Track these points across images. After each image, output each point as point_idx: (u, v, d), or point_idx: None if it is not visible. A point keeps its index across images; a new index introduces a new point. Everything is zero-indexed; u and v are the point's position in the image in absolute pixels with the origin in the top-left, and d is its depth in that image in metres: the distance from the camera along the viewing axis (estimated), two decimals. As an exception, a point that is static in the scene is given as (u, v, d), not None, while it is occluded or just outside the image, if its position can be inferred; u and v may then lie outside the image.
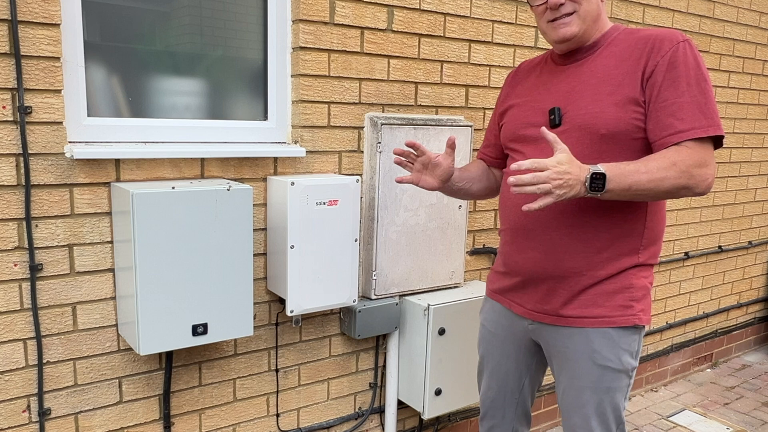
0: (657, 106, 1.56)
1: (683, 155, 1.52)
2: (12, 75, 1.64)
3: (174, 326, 1.77)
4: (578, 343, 1.71)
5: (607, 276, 1.67)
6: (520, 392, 1.98)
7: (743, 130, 3.75)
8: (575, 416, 1.76)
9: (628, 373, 1.71)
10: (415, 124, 2.30)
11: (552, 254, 1.70)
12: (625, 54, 1.62)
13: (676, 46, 1.56)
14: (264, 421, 2.24)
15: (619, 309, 1.67)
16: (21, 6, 1.63)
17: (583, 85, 1.66)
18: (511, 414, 2.02)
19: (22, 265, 1.73)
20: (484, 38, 2.52)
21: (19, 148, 1.68)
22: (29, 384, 1.79)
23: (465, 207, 2.48)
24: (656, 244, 1.71)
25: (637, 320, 1.67)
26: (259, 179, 2.08)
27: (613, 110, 1.59)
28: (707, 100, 1.55)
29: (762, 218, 4.08)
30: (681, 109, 1.54)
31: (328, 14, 2.11)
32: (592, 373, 1.70)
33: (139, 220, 1.67)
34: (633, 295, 1.67)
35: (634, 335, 1.69)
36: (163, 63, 1.97)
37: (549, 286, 1.73)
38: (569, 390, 1.76)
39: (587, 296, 1.69)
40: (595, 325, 1.68)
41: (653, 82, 1.56)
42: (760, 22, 3.66)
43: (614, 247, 1.66)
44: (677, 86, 1.55)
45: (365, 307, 2.26)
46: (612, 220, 1.65)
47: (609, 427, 1.74)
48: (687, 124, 1.53)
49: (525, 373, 1.95)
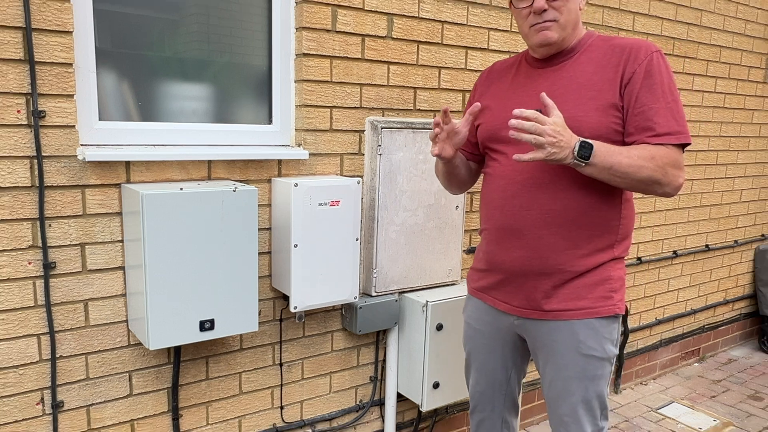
0: (635, 111, 1.61)
1: (662, 152, 1.58)
2: (26, 80, 1.64)
3: (182, 322, 1.78)
4: (564, 336, 1.73)
5: (587, 270, 1.70)
6: (508, 384, 1.99)
7: (729, 133, 3.76)
8: (563, 406, 1.78)
9: (611, 360, 1.75)
10: (414, 127, 2.30)
11: (538, 252, 1.71)
12: (603, 61, 1.66)
13: (650, 55, 1.61)
14: (269, 413, 2.24)
15: (600, 300, 1.70)
16: (35, 14, 1.63)
17: (564, 89, 1.68)
18: (500, 405, 2.03)
19: (36, 264, 1.73)
20: (480, 45, 2.52)
21: (33, 151, 1.68)
22: (43, 377, 1.79)
23: (462, 207, 2.48)
24: (628, 238, 1.76)
25: (617, 309, 1.72)
26: (263, 180, 2.08)
27: (595, 115, 1.62)
28: (678, 108, 1.61)
29: (747, 218, 4.08)
30: (657, 114, 1.59)
31: (330, 22, 2.11)
32: (578, 363, 1.72)
33: (149, 220, 1.68)
34: (612, 286, 1.72)
35: (613, 324, 1.74)
36: (171, 69, 1.97)
37: (534, 282, 1.74)
38: (556, 381, 1.77)
39: (570, 290, 1.71)
40: (580, 317, 1.70)
41: (631, 89, 1.61)
42: (745, 29, 3.66)
43: (593, 242, 1.69)
44: (653, 93, 1.59)
45: (366, 303, 2.26)
46: (591, 218, 1.68)
47: (594, 413, 1.77)
48: (663, 129, 1.59)
49: (511, 366, 1.96)
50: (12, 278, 1.70)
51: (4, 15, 1.59)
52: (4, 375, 1.74)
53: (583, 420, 1.76)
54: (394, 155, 2.27)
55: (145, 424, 1.99)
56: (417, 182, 2.34)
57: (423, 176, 2.34)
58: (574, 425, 1.77)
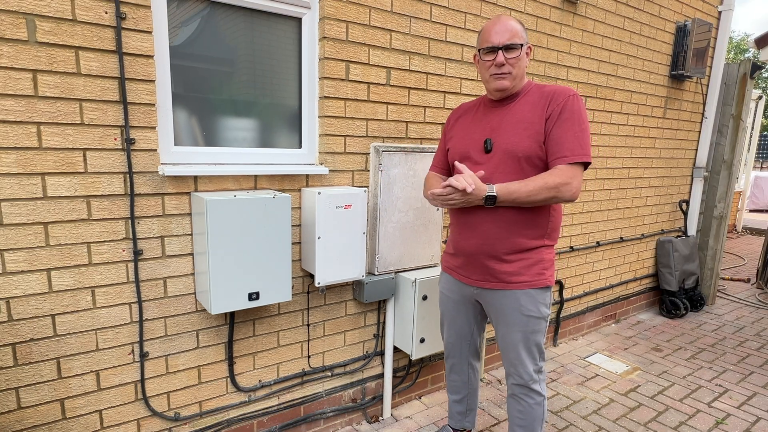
0: (549, 138, 1.65)
1: (554, 176, 1.62)
2: (121, 116, 1.65)
3: (235, 294, 1.78)
4: (510, 301, 1.76)
5: (524, 252, 1.73)
6: (471, 337, 2.03)
7: (637, 155, 3.76)
8: (511, 352, 1.81)
9: (545, 318, 1.79)
10: (405, 150, 2.30)
11: (487, 240, 1.74)
12: (535, 103, 1.69)
13: (567, 99, 1.64)
14: (299, 361, 2.25)
15: (536, 276, 1.74)
16: (128, 68, 1.63)
17: (508, 123, 1.71)
18: (465, 352, 2.06)
19: (128, 251, 1.74)
20: (455, 90, 2.52)
21: (126, 168, 1.68)
22: (133, 335, 1.80)
23: (441, 210, 2.48)
24: (556, 231, 1.79)
25: (547, 282, 1.76)
26: (295, 190, 2.08)
27: (527, 141, 1.66)
28: (584, 136, 1.63)
29: (651, 218, 4.08)
30: (564, 141, 1.62)
31: (345, 73, 2.11)
32: (521, 320, 1.76)
33: (211, 219, 1.68)
34: (544, 266, 1.75)
35: (546, 292, 1.77)
36: (227, 107, 1.97)
37: (485, 262, 1.77)
38: (506, 335, 1.80)
39: (513, 267, 1.73)
40: (521, 288, 1.74)
41: (550, 122, 1.64)
42: (649, 79, 3.67)
43: (528, 233, 1.72)
44: (563, 125, 1.63)
45: (371, 280, 2.27)
46: (526, 217, 1.71)
47: (534, 356, 1.81)
48: (567, 152, 1.62)
49: (473, 323, 1.99)
50: (111, 261, 1.71)
51: (105, 68, 1.59)
52: (105, 333, 1.74)
53: (526, 361, 1.80)
54: (392, 171, 2.27)
55: (208, 368, 2.00)
56: (409, 191, 2.34)
57: (413, 187, 2.34)
58: (521, 365, 1.81)
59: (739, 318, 4.17)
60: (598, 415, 2.63)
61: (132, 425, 1.84)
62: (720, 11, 4.07)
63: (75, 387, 1.72)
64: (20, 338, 1.61)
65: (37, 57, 1.49)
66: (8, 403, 1.62)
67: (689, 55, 3.69)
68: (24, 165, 1.53)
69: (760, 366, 3.25)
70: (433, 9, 2.35)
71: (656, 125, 3.84)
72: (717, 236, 4.35)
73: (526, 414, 1.84)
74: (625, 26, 3.37)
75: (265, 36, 2.01)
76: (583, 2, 3.05)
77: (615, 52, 3.34)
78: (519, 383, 1.83)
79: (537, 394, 1.82)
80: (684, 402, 2.78)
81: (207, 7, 1.87)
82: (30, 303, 1.61)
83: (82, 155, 1.60)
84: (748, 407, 2.74)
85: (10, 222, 1.54)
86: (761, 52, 5.73)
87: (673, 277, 4.12)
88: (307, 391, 2.28)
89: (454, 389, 2.16)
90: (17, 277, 1.57)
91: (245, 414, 2.10)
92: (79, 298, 1.67)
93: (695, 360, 3.32)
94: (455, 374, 2.12)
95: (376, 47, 2.18)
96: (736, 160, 4.23)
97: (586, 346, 3.54)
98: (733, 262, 6.23)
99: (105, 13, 1.57)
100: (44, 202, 1.58)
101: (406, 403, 2.66)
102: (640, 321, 4.07)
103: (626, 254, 3.94)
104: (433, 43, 2.37)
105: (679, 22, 3.74)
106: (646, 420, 2.59)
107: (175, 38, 1.80)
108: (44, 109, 1.53)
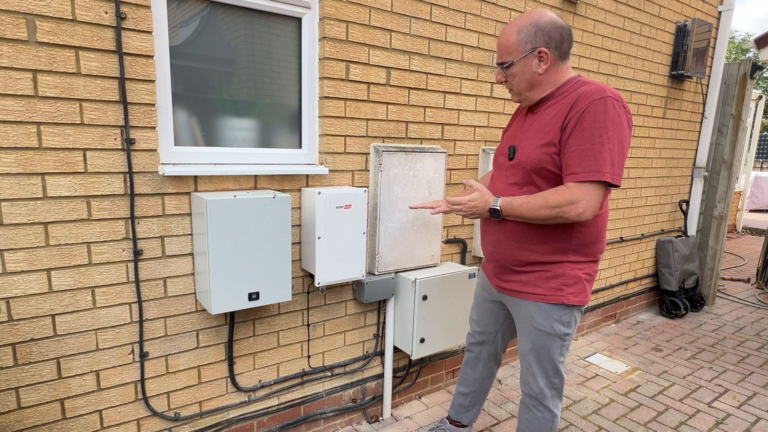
0: (564, 152, 1.50)
1: (557, 195, 1.49)
2: (121, 116, 1.65)
3: (235, 294, 1.78)
4: (522, 311, 1.73)
5: (536, 264, 1.63)
6: (494, 337, 2.01)
7: (637, 155, 3.76)
8: (523, 360, 1.79)
9: (560, 336, 1.66)
10: (405, 151, 2.30)
11: (498, 249, 1.74)
12: (559, 109, 1.55)
13: (588, 103, 1.45)
14: (299, 361, 2.25)
15: (552, 290, 1.63)
16: (128, 68, 1.63)
17: (529, 132, 1.64)
18: (485, 352, 2.06)
19: (128, 251, 1.74)
20: (454, 90, 2.52)
21: (126, 168, 1.68)
22: (133, 334, 1.80)
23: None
24: (589, 245, 1.63)
25: (566, 300, 1.62)
26: (295, 190, 2.08)
27: (536, 153, 1.56)
28: (602, 149, 1.42)
29: (651, 218, 4.08)
30: (575, 155, 1.46)
31: (345, 73, 2.11)
32: (531, 332, 1.71)
33: (211, 219, 1.68)
34: (565, 281, 1.61)
35: (565, 310, 1.64)
36: (227, 108, 1.97)
37: (499, 267, 1.76)
38: (520, 342, 1.79)
39: (528, 278, 1.67)
40: (532, 299, 1.67)
41: (566, 133, 1.49)
42: (649, 79, 3.67)
43: (537, 248, 1.63)
44: (579, 136, 1.45)
45: (371, 280, 2.26)
46: (536, 232, 1.62)
47: (546, 372, 1.72)
48: (576, 168, 1.46)
49: (499, 324, 1.99)
50: (111, 261, 1.71)
51: (105, 68, 1.59)
52: (105, 333, 1.74)
53: (536, 374, 1.73)
54: (391, 171, 2.27)
55: (208, 368, 1.99)
56: (408, 191, 2.34)
57: (413, 187, 2.34)
58: (530, 376, 1.75)
59: (739, 318, 4.17)
60: (598, 415, 2.62)
61: (132, 425, 1.84)
62: (720, 11, 4.07)
63: (75, 387, 1.72)
64: (20, 338, 1.61)
65: (37, 57, 1.49)
66: (8, 403, 1.62)
67: (689, 55, 3.69)
68: (24, 165, 1.53)
69: (760, 366, 3.25)
70: (433, 9, 2.35)
71: (656, 125, 3.83)
72: (717, 236, 4.35)
73: (533, 424, 1.78)
74: (625, 26, 3.37)
75: (265, 36, 2.01)
76: (583, 2, 3.05)
77: (615, 52, 3.34)
78: (528, 393, 1.77)
79: (547, 410, 1.74)
80: (684, 402, 2.78)
81: (207, 7, 1.86)
82: (30, 303, 1.61)
83: (82, 155, 1.60)
84: (748, 407, 2.74)
85: (10, 222, 1.54)
86: (761, 52, 5.74)
87: (673, 277, 4.12)
88: (307, 391, 2.28)
89: (463, 382, 2.14)
90: (17, 277, 1.57)
91: (245, 414, 2.10)
92: (79, 298, 1.67)
93: (695, 360, 3.32)
94: (469, 368, 2.10)
95: (376, 47, 2.17)
96: (736, 160, 4.23)
97: (586, 346, 3.53)
98: (733, 262, 6.23)
99: (105, 13, 1.57)
100: (44, 202, 1.57)
101: (406, 403, 2.66)
102: (640, 321, 4.07)
103: (626, 254, 3.94)
104: (433, 43, 2.37)
105: (679, 22, 3.74)
106: (646, 420, 2.59)
107: (175, 38, 1.80)
108: (44, 109, 1.53)
